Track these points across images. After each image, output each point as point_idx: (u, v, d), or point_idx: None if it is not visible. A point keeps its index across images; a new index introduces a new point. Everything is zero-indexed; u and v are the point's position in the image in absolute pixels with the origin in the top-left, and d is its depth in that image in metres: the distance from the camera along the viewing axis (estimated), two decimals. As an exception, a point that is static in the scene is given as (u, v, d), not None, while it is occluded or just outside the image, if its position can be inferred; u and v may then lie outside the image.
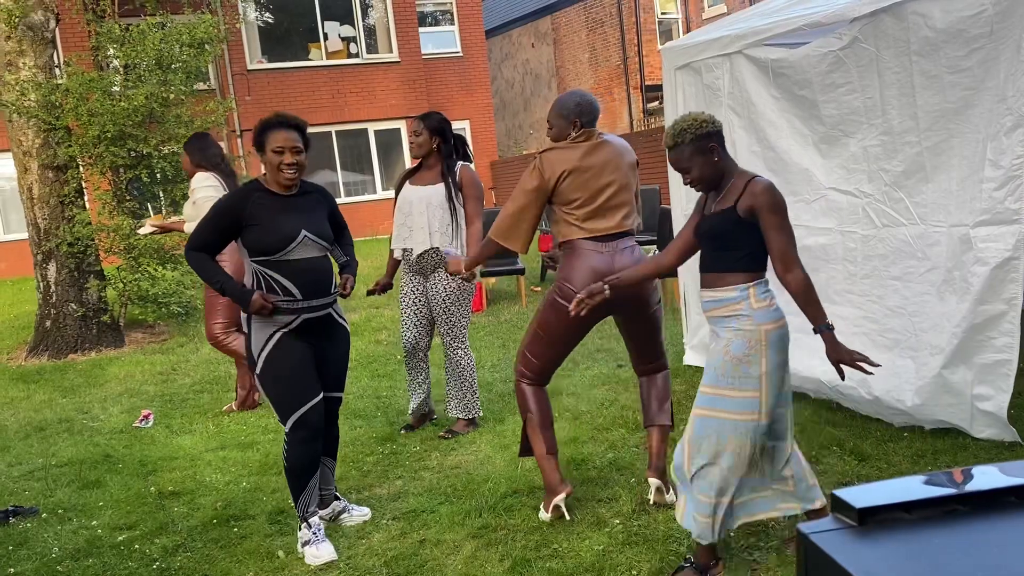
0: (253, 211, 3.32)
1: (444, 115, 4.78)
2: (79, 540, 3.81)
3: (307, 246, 3.37)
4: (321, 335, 3.48)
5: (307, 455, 3.39)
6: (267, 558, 3.47)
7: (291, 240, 3.32)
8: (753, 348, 2.75)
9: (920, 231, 4.02)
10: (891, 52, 3.95)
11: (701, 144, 2.80)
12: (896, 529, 0.74)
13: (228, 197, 3.42)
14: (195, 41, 8.68)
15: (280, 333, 3.36)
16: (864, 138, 4.22)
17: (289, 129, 3.34)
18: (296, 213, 3.38)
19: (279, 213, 3.35)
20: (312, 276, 3.39)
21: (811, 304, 2.70)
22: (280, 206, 3.37)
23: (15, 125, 7.91)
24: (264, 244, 3.31)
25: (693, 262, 5.46)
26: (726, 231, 2.79)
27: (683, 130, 2.81)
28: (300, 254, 3.36)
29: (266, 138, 3.33)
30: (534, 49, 24.21)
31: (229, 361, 7.37)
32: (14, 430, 5.73)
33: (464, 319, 4.76)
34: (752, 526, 3.30)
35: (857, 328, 4.37)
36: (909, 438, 4.02)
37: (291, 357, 3.36)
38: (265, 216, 3.33)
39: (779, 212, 2.73)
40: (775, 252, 2.73)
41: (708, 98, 5.21)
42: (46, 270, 8.00)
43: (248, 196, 3.37)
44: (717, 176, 2.84)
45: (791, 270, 2.71)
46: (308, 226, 3.38)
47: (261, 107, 16.61)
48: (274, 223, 3.32)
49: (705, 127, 2.80)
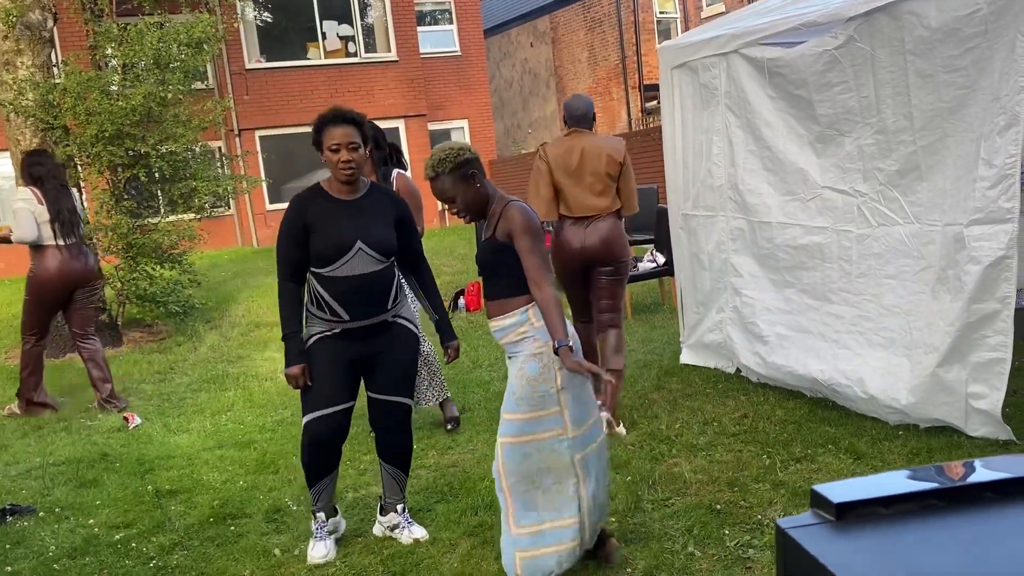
0: (314, 215, 3.18)
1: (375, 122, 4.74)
2: (76, 539, 3.82)
3: (362, 259, 3.18)
4: (376, 336, 3.32)
5: (315, 457, 3.31)
6: (263, 556, 3.48)
7: (345, 251, 3.15)
8: (546, 366, 2.80)
9: (915, 230, 4.03)
10: (886, 51, 3.96)
11: (461, 172, 2.88)
12: (874, 524, 0.75)
13: (290, 207, 3.24)
14: (193, 40, 8.67)
15: (321, 335, 3.26)
16: (859, 137, 4.23)
17: (345, 124, 3.16)
18: (355, 220, 3.21)
19: (336, 219, 3.18)
20: (362, 295, 3.21)
21: (552, 320, 2.74)
22: (339, 212, 3.20)
23: (13, 124, 7.90)
24: (317, 253, 3.16)
25: (690, 268, 5.48)
26: (492, 259, 2.89)
27: (441, 160, 2.88)
28: (353, 269, 3.17)
29: (323, 136, 3.17)
30: (533, 48, 24.20)
31: (227, 360, 7.38)
32: (11, 429, 5.74)
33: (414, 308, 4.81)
34: (747, 523, 3.31)
35: (853, 327, 4.39)
36: (904, 436, 4.03)
37: (324, 360, 3.24)
38: (324, 222, 3.17)
39: (529, 233, 2.81)
40: (527, 272, 2.80)
41: (704, 97, 5.22)
42: (44, 269, 7.99)
43: (310, 201, 3.22)
44: (481, 202, 2.93)
45: (540, 288, 2.78)
46: (365, 236, 3.19)
47: (259, 106, 16.61)
48: (329, 230, 3.16)
49: (462, 155, 2.90)
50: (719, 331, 5.35)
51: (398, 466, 3.52)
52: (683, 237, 5.63)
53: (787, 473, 3.77)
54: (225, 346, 7.95)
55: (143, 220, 8.68)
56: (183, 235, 8.50)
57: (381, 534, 3.60)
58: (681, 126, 5.49)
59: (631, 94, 21.09)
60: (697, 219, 5.46)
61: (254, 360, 7.34)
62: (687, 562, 3.08)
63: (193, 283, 8.86)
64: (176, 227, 8.55)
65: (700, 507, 3.50)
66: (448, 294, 8.47)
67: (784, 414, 4.52)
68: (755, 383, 5.06)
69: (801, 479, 3.68)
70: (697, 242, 5.48)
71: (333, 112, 3.20)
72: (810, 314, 4.66)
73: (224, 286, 10.58)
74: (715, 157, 5.20)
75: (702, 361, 5.59)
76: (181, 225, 8.61)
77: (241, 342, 8.06)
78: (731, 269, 5.20)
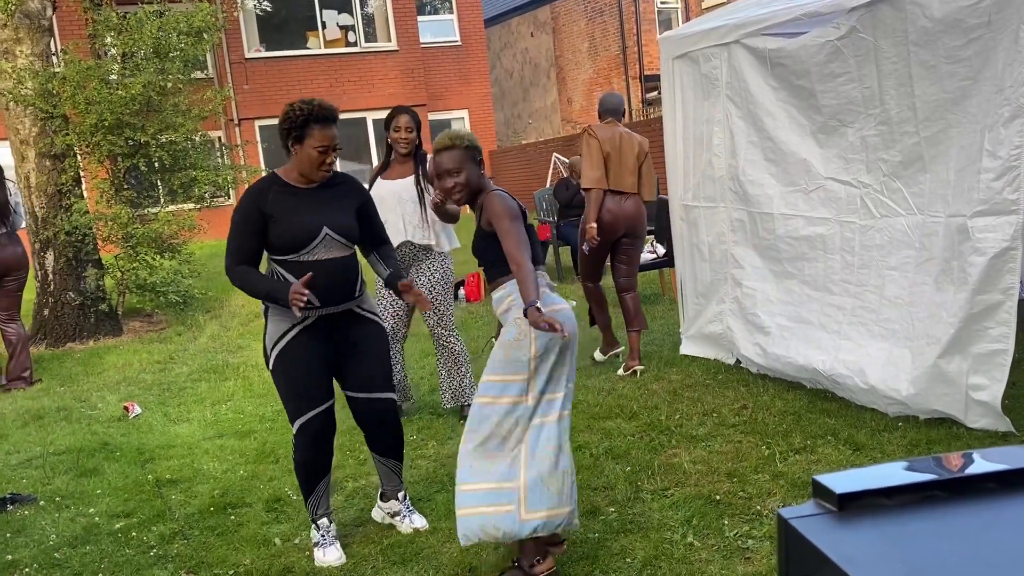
0: (273, 206, 3.13)
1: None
2: (77, 527, 3.83)
3: (329, 245, 3.16)
4: (345, 332, 3.28)
5: (311, 457, 3.26)
6: (264, 545, 3.49)
7: (312, 237, 3.12)
8: (523, 334, 2.88)
9: (918, 221, 4.02)
10: (889, 42, 3.95)
11: (472, 153, 3.04)
12: (876, 514, 0.74)
13: (245, 198, 3.16)
14: (193, 29, 8.65)
15: (296, 330, 3.17)
16: (862, 128, 4.21)
17: (333, 124, 3.13)
18: (319, 207, 3.17)
19: (300, 208, 3.14)
20: (333, 279, 3.17)
21: (524, 288, 2.81)
22: (301, 200, 3.17)
23: (12, 113, 7.89)
24: (283, 241, 3.11)
25: (691, 259, 5.48)
26: (482, 247, 3.06)
27: (460, 136, 3.05)
28: (320, 254, 3.14)
29: (309, 132, 3.10)
30: (533, 38, 24.14)
31: (227, 350, 7.38)
32: (12, 418, 5.74)
33: (450, 307, 4.79)
34: (746, 514, 3.32)
35: (854, 318, 4.38)
36: (903, 428, 4.03)
37: (302, 360, 3.18)
38: (286, 211, 3.12)
39: (505, 216, 2.92)
40: (506, 252, 2.91)
41: (706, 88, 5.20)
42: (44, 259, 8.00)
43: (267, 191, 3.16)
44: (475, 188, 3.04)
45: (517, 264, 2.86)
46: (331, 222, 3.16)
47: (259, 96, 16.58)
48: (295, 219, 3.12)
49: (476, 143, 3.09)
50: (719, 322, 5.34)
51: (392, 457, 3.49)
52: (683, 228, 5.62)
53: (786, 464, 3.77)
54: (225, 336, 7.95)
55: (143, 210, 8.68)
56: (183, 225, 8.49)
57: (381, 519, 3.59)
58: (682, 117, 5.47)
59: (632, 84, 21.04)
60: (698, 210, 5.45)
61: (254, 350, 7.34)
62: (686, 552, 3.08)
63: (193, 273, 8.86)
64: (176, 217, 8.54)
65: (699, 497, 3.50)
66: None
67: (784, 405, 4.52)
68: (755, 374, 5.06)
69: (800, 470, 3.68)
70: (698, 233, 5.47)
71: (322, 111, 3.12)
72: (811, 305, 4.65)
73: (223, 276, 10.54)
74: (716, 148, 5.19)
75: (702, 352, 5.59)
76: (181, 215, 8.61)
77: (241, 332, 8.06)
78: (732, 260, 5.19)
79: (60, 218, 7.90)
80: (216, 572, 3.30)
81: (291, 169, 3.22)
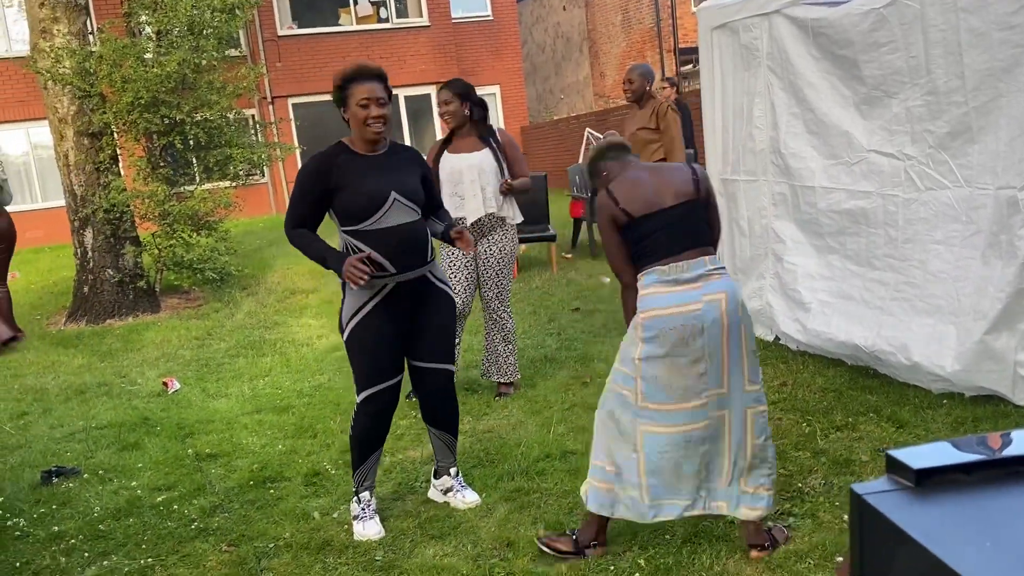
0: (340, 174, 3.13)
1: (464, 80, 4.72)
2: (120, 500, 3.89)
3: (399, 210, 3.15)
4: (418, 302, 3.29)
5: (371, 430, 3.29)
6: (303, 519, 3.52)
7: (381, 202, 3.12)
8: (635, 331, 2.84)
9: (965, 194, 3.92)
10: (936, 9, 3.83)
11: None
12: (955, 491, 0.71)
13: (311, 163, 3.18)
14: (226, 6, 8.66)
15: (374, 301, 3.19)
16: (907, 99, 4.10)
17: (372, 80, 3.12)
18: (385, 173, 3.17)
19: (367, 174, 3.14)
20: (406, 246, 3.18)
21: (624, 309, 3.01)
22: (368, 166, 3.17)
23: (50, 92, 7.97)
24: (353, 209, 3.11)
25: (730, 234, 5.39)
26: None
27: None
28: (391, 220, 3.14)
29: (349, 92, 3.12)
30: (565, 12, 23.88)
31: (264, 326, 7.45)
32: (55, 393, 5.84)
33: (509, 282, 4.79)
34: (786, 491, 3.27)
35: (898, 293, 4.29)
36: (948, 405, 3.95)
37: (377, 334, 3.20)
38: (353, 178, 3.12)
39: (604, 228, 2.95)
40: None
41: (746, 59, 5.10)
42: (83, 236, 8.11)
43: (334, 158, 3.16)
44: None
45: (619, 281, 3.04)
46: (398, 186, 3.16)
47: (291, 73, 16.61)
48: (363, 185, 3.12)
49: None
50: (758, 298, 5.27)
51: (447, 430, 3.50)
52: (722, 203, 5.53)
53: (827, 441, 3.72)
54: (262, 312, 8.02)
55: (179, 187, 8.75)
56: (219, 202, 8.55)
57: (438, 499, 3.58)
58: (721, 89, 5.37)
59: (666, 58, 20.75)
60: (737, 184, 5.36)
61: (290, 326, 7.39)
62: (727, 530, 3.05)
63: (229, 250, 8.93)
64: (212, 195, 8.59)
65: (739, 475, 3.46)
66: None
67: (824, 382, 4.45)
68: (794, 351, 4.99)
69: (842, 447, 3.63)
70: (737, 208, 5.39)
71: (358, 67, 3.14)
72: (853, 280, 4.57)
73: (259, 253, 10.65)
74: (756, 120, 5.09)
75: (740, 328, 5.52)
76: (217, 192, 8.66)
77: (277, 308, 8.12)
78: (772, 235, 5.11)
79: (98, 196, 7.99)
80: (256, 545, 3.33)
81: (353, 135, 3.24)
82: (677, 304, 2.74)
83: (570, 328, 6.30)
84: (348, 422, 3.36)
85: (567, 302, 6.98)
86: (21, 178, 15.43)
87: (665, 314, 2.73)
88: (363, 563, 3.11)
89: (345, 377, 5.62)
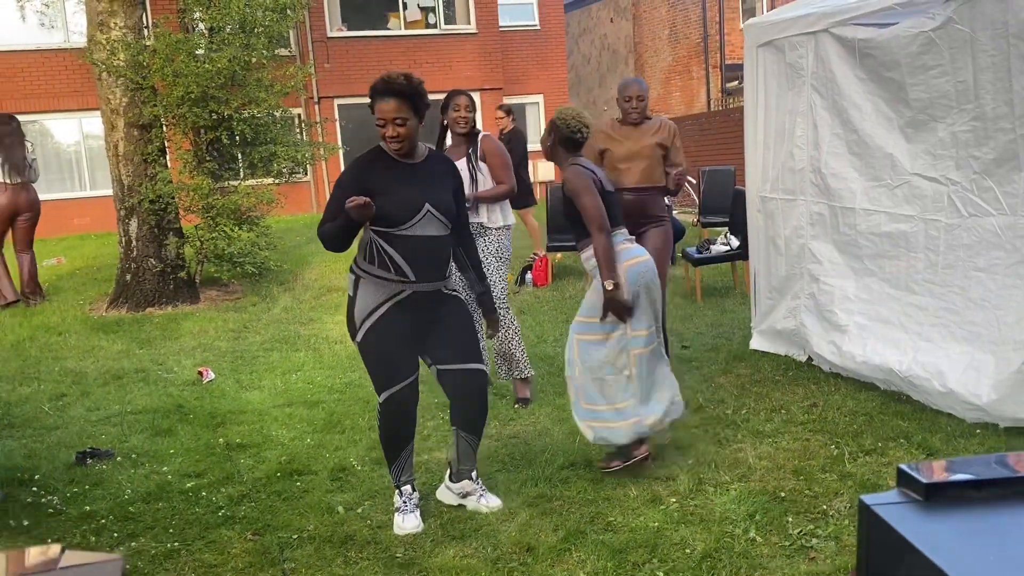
0: (378, 178, 3.17)
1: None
2: (150, 484, 3.97)
3: (430, 222, 3.20)
4: (432, 311, 3.33)
5: (397, 428, 3.34)
6: (327, 513, 3.56)
7: (415, 212, 3.16)
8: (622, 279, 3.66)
9: (1010, 222, 3.86)
10: (987, 34, 3.78)
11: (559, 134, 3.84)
12: (964, 506, 0.71)
13: (352, 168, 3.24)
14: (278, 6, 8.80)
15: (387, 305, 3.22)
16: (954, 123, 4.06)
17: (392, 97, 3.12)
18: (422, 183, 3.22)
19: (403, 182, 3.19)
20: (429, 257, 3.23)
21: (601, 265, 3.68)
22: (405, 174, 3.21)
23: (104, 84, 8.16)
24: (387, 214, 3.13)
25: (766, 252, 5.34)
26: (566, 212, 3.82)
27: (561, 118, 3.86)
28: (421, 230, 3.18)
29: (373, 106, 3.17)
30: (612, 24, 23.88)
31: (299, 322, 7.54)
32: (93, 377, 5.97)
33: (505, 283, 4.83)
34: (811, 512, 3.25)
35: (937, 319, 4.24)
36: (981, 435, 3.89)
37: (392, 334, 3.23)
38: (390, 184, 3.16)
39: (582, 193, 3.70)
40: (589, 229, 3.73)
41: (790, 77, 5.08)
42: (128, 225, 8.28)
43: (373, 162, 3.23)
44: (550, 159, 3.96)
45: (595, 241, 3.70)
46: (433, 199, 3.21)
47: (339, 75, 16.80)
48: (398, 192, 3.16)
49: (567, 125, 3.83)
50: (793, 318, 5.23)
51: (474, 432, 3.50)
52: (760, 220, 5.50)
53: (855, 465, 3.68)
54: (297, 308, 8.12)
55: (223, 182, 8.89)
56: (261, 198, 8.68)
57: (451, 501, 3.58)
58: (764, 106, 5.35)
59: (712, 73, 20.66)
60: (775, 202, 5.33)
61: (325, 323, 7.47)
62: (748, 547, 3.04)
63: (269, 246, 9.05)
64: (255, 190, 8.73)
65: (764, 493, 3.44)
66: (516, 268, 8.48)
67: (855, 405, 4.40)
68: (826, 372, 4.94)
69: (870, 472, 3.59)
70: (775, 226, 5.35)
71: (383, 82, 3.14)
72: (891, 304, 4.52)
73: (299, 250, 10.78)
74: (798, 139, 5.06)
75: (772, 348, 5.48)
76: (260, 188, 8.79)
77: (313, 305, 8.22)
78: (809, 255, 5.07)
79: (145, 186, 8.15)
80: (280, 535, 3.38)
81: None
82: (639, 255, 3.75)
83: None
84: (376, 420, 3.40)
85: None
86: (72, 166, 15.78)
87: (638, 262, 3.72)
88: (384, 559, 3.15)
89: (376, 376, 5.67)
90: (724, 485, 3.57)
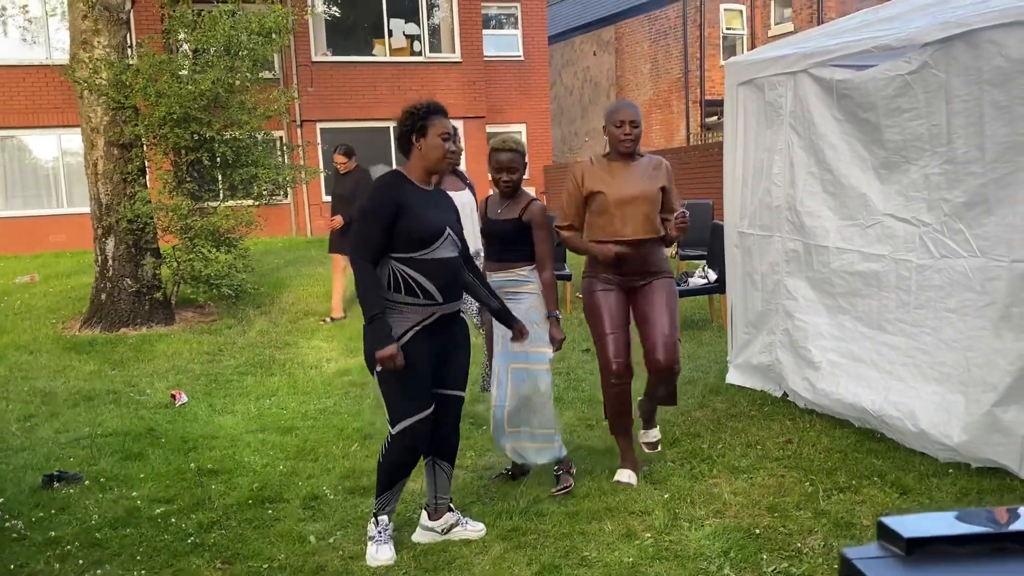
0: (408, 199, 3.22)
1: None
2: (119, 509, 3.90)
3: (450, 244, 3.30)
4: (449, 330, 3.37)
5: (405, 461, 3.31)
6: (298, 542, 3.52)
7: (439, 234, 3.24)
8: (543, 315, 3.92)
9: (980, 264, 3.92)
10: (961, 80, 3.87)
11: (525, 160, 3.99)
12: (945, 562, 0.72)
13: (382, 190, 3.23)
14: (264, 30, 8.82)
15: (414, 331, 3.23)
16: (926, 166, 4.13)
17: (446, 117, 3.35)
18: (437, 208, 3.33)
19: (427, 206, 3.27)
20: (452, 279, 3.31)
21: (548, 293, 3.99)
22: (426, 198, 3.31)
23: (86, 101, 8.12)
24: (413, 236, 3.18)
25: (743, 287, 5.39)
26: (514, 232, 3.93)
27: (521, 144, 3.96)
28: (442, 253, 3.26)
29: (430, 122, 3.28)
30: (595, 57, 24.16)
31: (275, 346, 7.48)
32: (63, 397, 5.89)
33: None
34: (786, 549, 3.25)
35: (908, 359, 4.29)
36: (954, 475, 3.92)
37: (418, 364, 3.22)
38: (417, 207, 3.23)
39: (546, 227, 3.96)
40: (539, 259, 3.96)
41: (769, 116, 5.15)
42: (105, 244, 8.21)
43: (402, 184, 3.27)
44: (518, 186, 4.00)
45: (547, 271, 3.97)
46: (451, 223, 3.34)
47: (323, 99, 16.83)
48: (424, 214, 3.23)
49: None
50: (768, 353, 5.27)
51: (451, 460, 3.54)
52: (737, 255, 5.56)
53: (830, 502, 3.69)
54: (273, 332, 8.06)
55: (203, 203, 8.84)
56: (240, 220, 8.64)
57: (433, 539, 3.49)
58: (743, 143, 5.42)
59: (691, 108, 20.92)
60: (752, 238, 5.39)
61: (300, 348, 7.42)
62: (724, 584, 3.03)
63: (247, 268, 9.00)
64: (234, 212, 8.69)
65: (738, 530, 3.44)
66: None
67: (830, 442, 4.43)
68: (802, 408, 4.98)
69: (844, 509, 3.60)
70: (751, 261, 5.41)
71: (437, 104, 3.34)
72: (864, 342, 4.56)
73: (276, 273, 10.73)
74: (775, 176, 5.13)
75: (748, 382, 5.51)
76: (239, 210, 8.75)
77: (289, 329, 8.17)
78: (784, 291, 5.12)
79: (123, 206, 8.10)
80: (250, 565, 3.33)
81: (413, 166, 3.34)
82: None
83: (579, 369, 6.30)
84: (350, 448, 3.38)
85: (578, 342, 6.99)
86: (49, 182, 15.63)
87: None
88: (355, 591, 3.10)
89: (350, 402, 5.63)
90: (699, 520, 3.57)
